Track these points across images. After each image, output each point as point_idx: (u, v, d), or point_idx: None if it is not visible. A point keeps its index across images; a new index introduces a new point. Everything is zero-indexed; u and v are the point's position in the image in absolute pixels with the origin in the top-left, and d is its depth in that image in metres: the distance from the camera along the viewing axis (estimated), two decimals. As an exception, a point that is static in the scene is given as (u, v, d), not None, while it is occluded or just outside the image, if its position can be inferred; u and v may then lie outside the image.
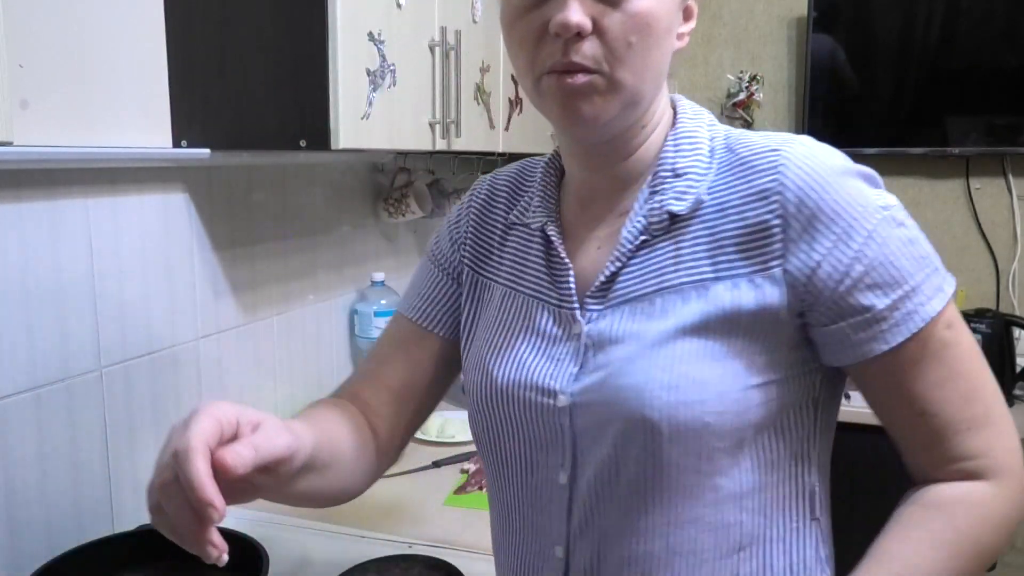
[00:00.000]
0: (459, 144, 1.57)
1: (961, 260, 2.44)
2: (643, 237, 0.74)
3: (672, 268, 0.72)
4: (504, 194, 0.88)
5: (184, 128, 1.28)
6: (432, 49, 1.45)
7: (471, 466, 1.55)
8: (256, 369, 1.54)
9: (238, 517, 1.34)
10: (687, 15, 0.75)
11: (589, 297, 0.76)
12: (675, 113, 0.79)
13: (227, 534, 1.12)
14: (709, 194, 0.72)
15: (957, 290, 0.71)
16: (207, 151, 1.29)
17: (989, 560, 0.70)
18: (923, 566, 0.68)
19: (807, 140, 0.71)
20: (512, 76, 1.86)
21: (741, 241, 0.70)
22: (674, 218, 0.73)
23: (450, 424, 1.78)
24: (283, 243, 1.60)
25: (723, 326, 0.69)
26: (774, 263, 0.69)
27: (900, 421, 0.72)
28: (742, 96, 2.58)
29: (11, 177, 1.05)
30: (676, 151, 0.75)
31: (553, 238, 0.79)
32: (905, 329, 0.67)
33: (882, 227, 0.67)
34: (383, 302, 1.82)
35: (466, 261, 0.89)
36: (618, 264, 0.74)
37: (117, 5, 1.19)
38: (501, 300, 0.83)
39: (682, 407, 0.68)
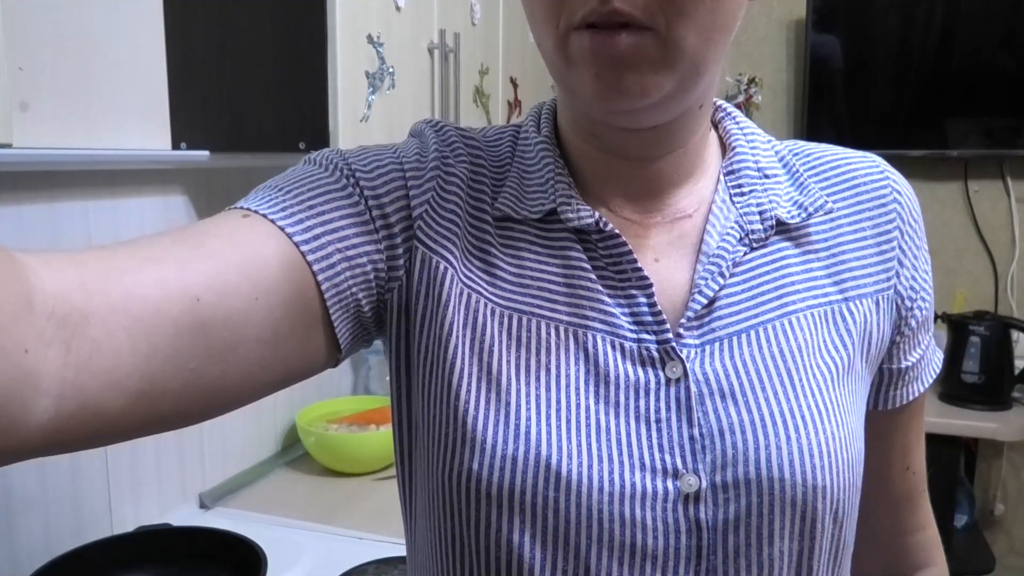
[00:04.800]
0: (458, 146, 1.57)
1: (959, 263, 2.44)
2: (742, 249, 0.55)
3: (790, 288, 0.55)
4: (468, 174, 0.58)
5: (183, 130, 1.29)
6: (431, 52, 1.46)
7: (470, 468, 1.55)
8: (255, 371, 1.54)
9: (237, 519, 1.34)
10: None
11: (683, 328, 0.53)
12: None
13: (226, 535, 1.13)
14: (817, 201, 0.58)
15: (956, 292, 0.71)
16: (206, 153, 1.29)
17: None
18: None
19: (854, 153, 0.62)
20: (511, 79, 1.86)
21: (862, 255, 0.57)
22: (780, 227, 0.57)
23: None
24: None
25: (859, 360, 0.56)
26: (892, 280, 0.57)
27: (890, 476, 0.64)
28: (740, 99, 2.58)
29: (11, 179, 1.05)
30: (751, 146, 0.59)
31: (620, 240, 0.54)
32: (932, 371, 0.62)
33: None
34: (382, 304, 1.82)
35: (423, 239, 0.54)
36: (719, 282, 0.54)
37: (117, 8, 1.19)
38: (513, 328, 0.53)
39: (846, 469, 0.52)
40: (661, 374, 0.52)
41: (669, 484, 0.49)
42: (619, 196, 0.57)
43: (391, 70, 1.32)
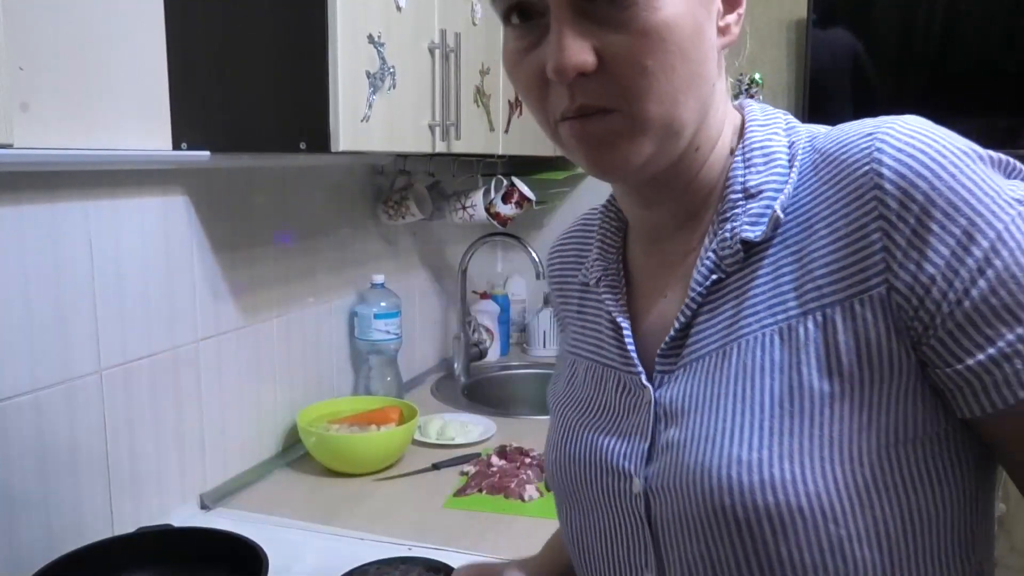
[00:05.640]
0: (459, 147, 1.57)
1: (961, 262, 2.43)
2: (715, 276, 0.60)
3: (751, 309, 0.57)
4: (572, 253, 0.79)
5: (184, 130, 1.29)
6: (432, 51, 1.46)
7: (471, 468, 1.55)
8: (256, 371, 1.54)
9: (238, 519, 1.34)
10: (731, 4, 0.61)
11: (660, 357, 0.63)
12: (743, 120, 0.66)
13: (226, 536, 1.13)
14: (790, 209, 0.58)
15: None
16: (207, 153, 1.29)
17: None
18: None
19: (911, 119, 0.55)
20: (512, 78, 1.86)
21: (832, 260, 0.54)
22: (749, 247, 0.59)
23: (450, 427, 1.78)
24: (283, 245, 1.60)
25: (819, 377, 0.54)
26: (875, 281, 0.53)
27: None
28: (741, 99, 2.58)
29: (11, 179, 1.05)
30: (746, 167, 0.62)
31: (604, 292, 0.68)
32: None
33: (1017, 226, 0.50)
34: (383, 304, 1.82)
35: (567, 340, 0.79)
36: (688, 313, 0.61)
37: (117, 7, 1.19)
38: (584, 373, 0.72)
39: (776, 489, 0.53)
40: (640, 399, 0.65)
41: (625, 484, 0.64)
42: (644, 239, 0.69)
43: (392, 70, 1.32)
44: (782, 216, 0.58)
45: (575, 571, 0.73)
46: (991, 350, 0.51)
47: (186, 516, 1.35)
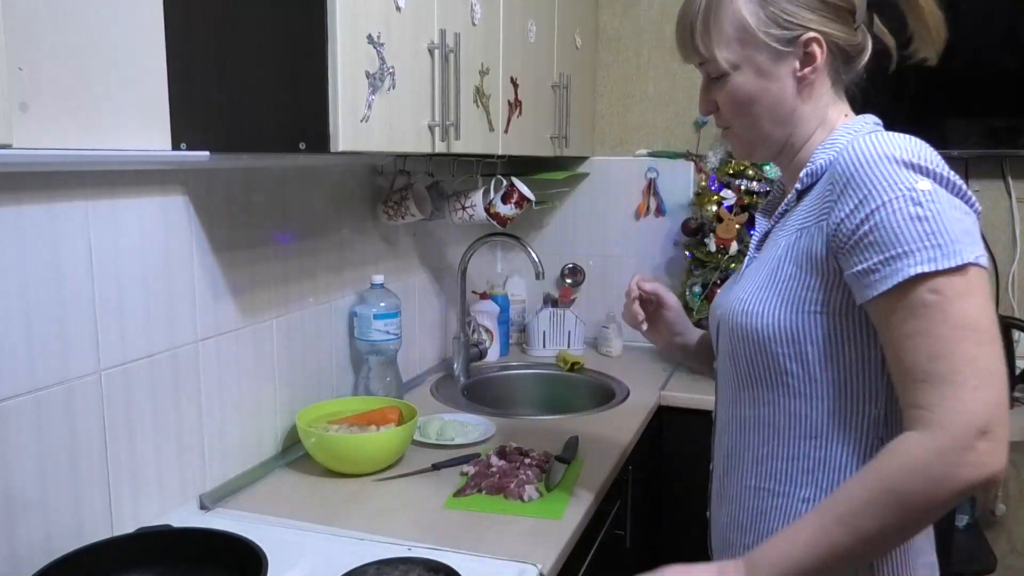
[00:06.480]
0: (458, 147, 1.57)
1: (960, 262, 2.43)
2: (784, 208, 1.03)
3: (785, 229, 0.99)
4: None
5: (183, 131, 1.29)
6: (431, 51, 1.46)
7: (470, 468, 1.55)
8: (256, 371, 1.54)
9: (238, 520, 1.34)
10: (807, 57, 0.97)
11: (753, 249, 1.09)
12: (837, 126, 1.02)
13: (227, 536, 1.12)
14: (817, 183, 0.97)
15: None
16: (206, 154, 1.29)
17: (914, 504, 0.80)
18: (840, 496, 0.85)
19: (885, 134, 0.89)
20: (512, 79, 1.86)
21: (815, 204, 0.94)
22: (800, 195, 1.00)
23: (449, 427, 1.78)
24: (282, 246, 1.60)
25: (790, 264, 0.94)
26: (822, 219, 0.91)
27: (888, 363, 0.87)
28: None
29: (10, 180, 1.05)
30: (821, 154, 0.98)
31: (761, 216, 1.12)
32: (887, 282, 0.82)
33: (897, 202, 0.82)
34: (382, 304, 1.82)
35: None
36: (768, 227, 1.07)
37: (117, 8, 1.19)
38: None
39: (746, 318, 0.98)
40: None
41: (709, 316, 1.16)
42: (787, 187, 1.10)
43: (391, 70, 1.31)
44: (810, 181, 1.00)
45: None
46: (861, 266, 0.85)
47: (186, 516, 1.35)
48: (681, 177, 2.55)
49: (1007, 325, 2.10)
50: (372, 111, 1.27)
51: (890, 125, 1.04)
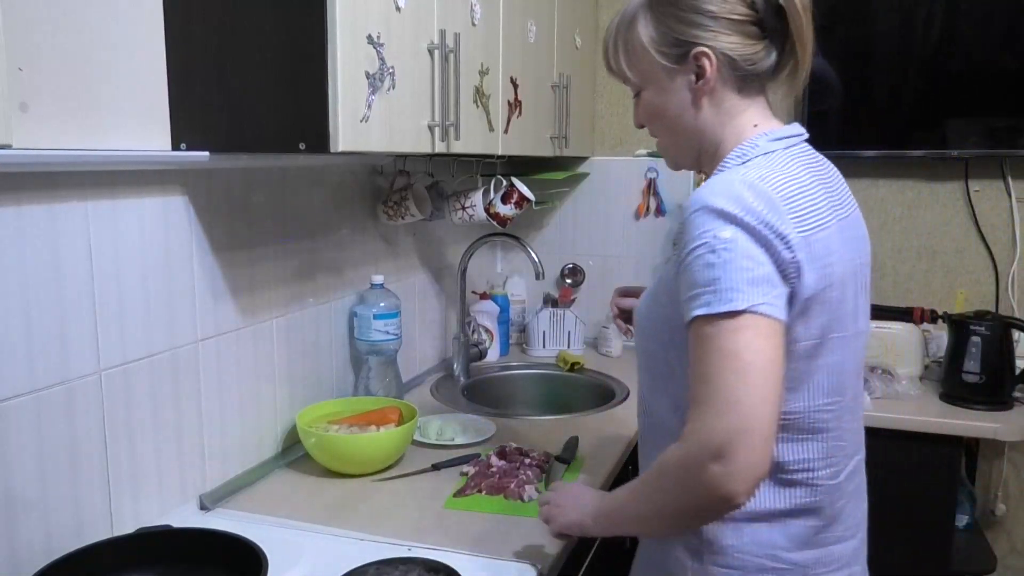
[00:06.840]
0: (458, 147, 1.57)
1: (960, 262, 2.44)
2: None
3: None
4: None
5: (183, 131, 1.29)
6: (431, 52, 1.46)
7: (470, 469, 1.55)
8: (255, 372, 1.54)
9: (238, 520, 1.34)
10: (700, 70, 1.02)
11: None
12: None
13: (227, 536, 1.12)
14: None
15: (957, 292, 0.73)
16: (206, 154, 1.29)
17: (666, 502, 0.95)
18: (619, 495, 1.05)
19: (723, 177, 0.97)
20: (511, 79, 1.86)
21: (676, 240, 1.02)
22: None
23: (449, 427, 1.78)
24: (282, 246, 1.60)
25: (660, 285, 1.07)
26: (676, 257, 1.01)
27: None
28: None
29: (10, 180, 1.05)
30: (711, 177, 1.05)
31: None
32: (687, 316, 0.93)
33: (700, 249, 0.92)
34: (382, 304, 1.82)
35: None
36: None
37: (117, 8, 1.19)
38: None
39: (639, 319, 1.13)
40: None
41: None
42: None
43: (391, 70, 1.32)
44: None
45: None
46: (683, 297, 0.94)
47: (185, 517, 1.35)
48: (681, 177, 2.54)
49: (1007, 325, 2.10)
50: (372, 111, 1.27)
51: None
